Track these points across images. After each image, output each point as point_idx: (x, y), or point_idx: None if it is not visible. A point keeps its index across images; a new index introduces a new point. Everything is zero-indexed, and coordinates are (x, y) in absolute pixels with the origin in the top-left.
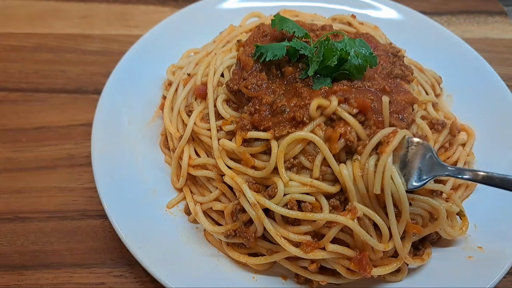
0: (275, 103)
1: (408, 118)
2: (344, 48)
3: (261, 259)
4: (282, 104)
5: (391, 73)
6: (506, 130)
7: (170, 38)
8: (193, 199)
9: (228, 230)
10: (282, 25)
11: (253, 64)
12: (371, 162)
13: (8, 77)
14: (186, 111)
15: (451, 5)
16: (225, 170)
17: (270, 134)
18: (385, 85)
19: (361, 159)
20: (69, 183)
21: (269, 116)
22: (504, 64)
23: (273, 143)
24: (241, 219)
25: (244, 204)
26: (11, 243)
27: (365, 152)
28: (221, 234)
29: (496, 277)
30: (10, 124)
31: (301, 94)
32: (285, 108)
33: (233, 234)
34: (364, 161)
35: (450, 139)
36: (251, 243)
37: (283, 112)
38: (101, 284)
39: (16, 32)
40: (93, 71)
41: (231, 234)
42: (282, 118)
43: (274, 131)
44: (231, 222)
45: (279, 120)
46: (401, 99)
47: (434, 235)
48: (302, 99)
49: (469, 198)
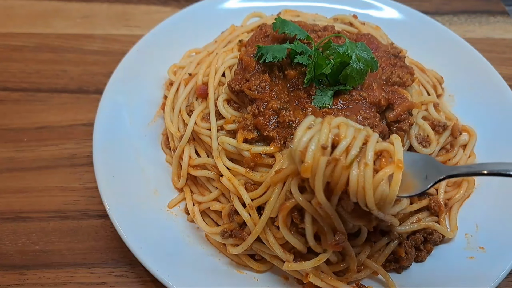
0: (282, 114)
1: (404, 126)
2: (346, 51)
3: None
4: (290, 120)
5: (389, 80)
6: (507, 130)
7: (172, 38)
8: (192, 199)
9: (225, 229)
10: (284, 28)
11: (255, 64)
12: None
13: (10, 77)
14: (187, 111)
15: (452, 5)
16: (223, 170)
17: (276, 148)
18: (381, 99)
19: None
20: (70, 182)
21: (275, 125)
22: (505, 64)
23: (278, 155)
24: (236, 221)
25: (237, 207)
26: (12, 243)
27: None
28: (217, 234)
29: (498, 278)
30: (11, 124)
31: (306, 109)
32: (292, 123)
33: (229, 233)
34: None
35: (452, 141)
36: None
37: (289, 127)
38: (103, 284)
39: (17, 32)
40: (94, 71)
41: (227, 232)
42: (289, 132)
43: (280, 146)
44: (228, 222)
45: (286, 134)
46: (400, 111)
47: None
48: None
49: (470, 198)
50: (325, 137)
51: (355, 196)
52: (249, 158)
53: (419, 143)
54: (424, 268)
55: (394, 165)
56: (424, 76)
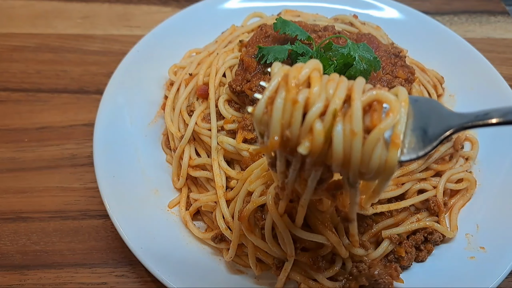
0: None
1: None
2: (349, 53)
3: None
4: None
5: (389, 85)
6: (507, 130)
7: (172, 38)
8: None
9: (215, 234)
10: (285, 29)
11: (256, 65)
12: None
13: (10, 77)
14: (187, 111)
15: (453, 5)
16: (216, 173)
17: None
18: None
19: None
20: (71, 183)
21: None
22: (506, 64)
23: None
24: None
25: (218, 215)
26: (13, 243)
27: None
28: (209, 239)
29: (498, 277)
30: (12, 124)
31: None
32: None
33: (219, 238)
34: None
35: (452, 152)
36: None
37: None
38: (103, 284)
39: (18, 32)
40: (95, 71)
41: (218, 237)
42: None
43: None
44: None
45: None
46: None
47: (437, 237)
48: None
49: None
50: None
51: (339, 166)
52: (248, 158)
53: None
54: (425, 268)
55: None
56: (425, 76)
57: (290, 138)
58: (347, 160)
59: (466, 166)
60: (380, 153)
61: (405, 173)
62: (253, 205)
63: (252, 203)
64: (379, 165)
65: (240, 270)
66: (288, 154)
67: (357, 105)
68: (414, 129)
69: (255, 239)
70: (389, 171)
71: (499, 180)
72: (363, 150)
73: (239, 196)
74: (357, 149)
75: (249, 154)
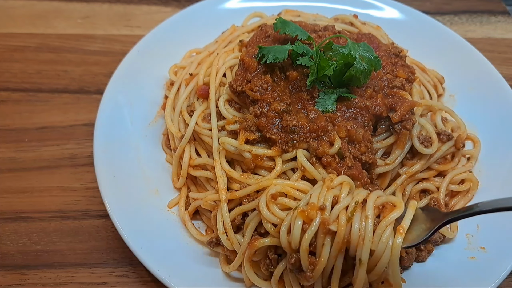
0: (285, 118)
1: (408, 125)
2: (349, 52)
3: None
4: (293, 125)
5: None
6: (508, 130)
7: (172, 38)
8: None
9: (211, 238)
10: (285, 29)
11: (257, 65)
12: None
13: (11, 77)
14: (188, 111)
15: (453, 4)
16: (218, 174)
17: (276, 152)
18: (383, 110)
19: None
20: (71, 183)
21: (278, 128)
22: (506, 64)
23: (278, 159)
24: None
25: (218, 223)
26: (13, 243)
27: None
28: (205, 243)
29: (498, 278)
30: (12, 124)
31: (308, 113)
32: (295, 129)
33: (215, 242)
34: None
35: (454, 152)
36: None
37: (292, 132)
38: (103, 284)
39: (18, 32)
40: (95, 71)
41: (213, 242)
42: (291, 137)
43: (281, 149)
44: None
45: (288, 139)
46: (403, 110)
47: (437, 237)
48: (309, 122)
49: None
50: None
51: (354, 249)
52: (250, 159)
53: (421, 143)
54: (425, 268)
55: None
56: (425, 76)
57: None
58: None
59: (468, 166)
60: (388, 235)
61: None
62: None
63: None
64: (386, 246)
65: (241, 270)
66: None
67: (369, 205)
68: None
69: (248, 268)
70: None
71: (499, 180)
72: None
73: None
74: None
75: (251, 156)
